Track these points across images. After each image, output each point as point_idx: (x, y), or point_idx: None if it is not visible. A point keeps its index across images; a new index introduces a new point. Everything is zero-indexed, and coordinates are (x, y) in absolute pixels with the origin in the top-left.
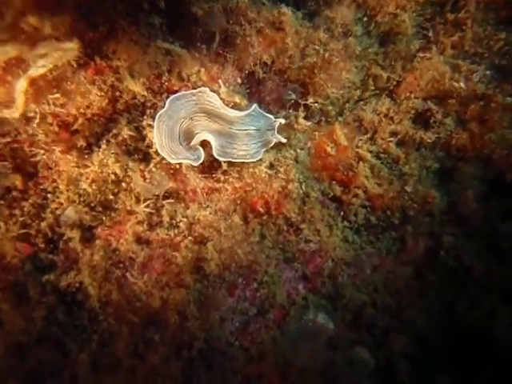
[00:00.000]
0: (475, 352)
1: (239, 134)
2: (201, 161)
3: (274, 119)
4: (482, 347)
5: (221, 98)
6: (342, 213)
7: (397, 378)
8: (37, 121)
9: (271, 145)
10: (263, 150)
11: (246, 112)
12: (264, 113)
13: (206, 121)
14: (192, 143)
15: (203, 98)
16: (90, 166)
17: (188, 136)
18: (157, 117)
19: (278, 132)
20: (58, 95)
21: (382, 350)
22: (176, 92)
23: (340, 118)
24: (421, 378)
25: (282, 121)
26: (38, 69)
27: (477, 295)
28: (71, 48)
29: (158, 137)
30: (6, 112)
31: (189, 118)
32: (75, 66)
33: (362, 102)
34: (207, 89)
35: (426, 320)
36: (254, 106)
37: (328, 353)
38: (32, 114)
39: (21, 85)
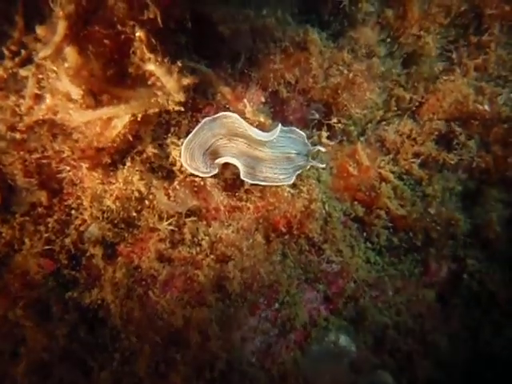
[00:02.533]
0: (500, 379)
1: (280, 156)
2: (208, 175)
3: (310, 145)
4: (506, 374)
5: (246, 118)
6: (364, 233)
7: None
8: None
9: (305, 168)
10: (297, 173)
11: (281, 133)
12: (301, 135)
13: (243, 145)
14: (216, 161)
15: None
16: (114, 183)
17: (215, 152)
18: (202, 122)
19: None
20: None
21: (405, 375)
22: (201, 111)
23: (362, 138)
24: None
25: (323, 149)
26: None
27: (501, 321)
28: None
29: (191, 138)
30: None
31: (227, 137)
32: None
33: (384, 123)
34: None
35: (449, 345)
36: (289, 128)
37: (350, 376)
38: (58, 131)
39: (122, 121)
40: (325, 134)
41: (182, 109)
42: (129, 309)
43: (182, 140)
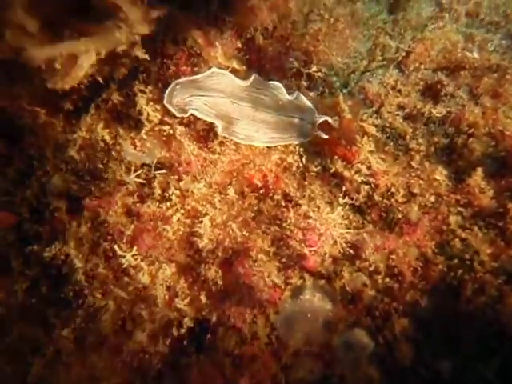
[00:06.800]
0: (481, 337)
1: (285, 120)
2: (175, 112)
3: (317, 114)
4: (488, 333)
5: (218, 63)
6: (343, 189)
7: (398, 362)
8: None
9: (309, 138)
10: (301, 140)
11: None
12: (309, 105)
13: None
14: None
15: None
16: (77, 132)
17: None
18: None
19: None
20: None
21: (383, 333)
22: (171, 57)
23: (344, 90)
24: (423, 363)
25: (329, 119)
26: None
27: (484, 279)
28: None
29: (198, 78)
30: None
31: (231, 99)
32: None
33: (368, 74)
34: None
35: (430, 303)
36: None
37: (325, 334)
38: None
39: (88, 59)
40: (304, 83)
41: (147, 57)
42: (94, 264)
43: (149, 88)
